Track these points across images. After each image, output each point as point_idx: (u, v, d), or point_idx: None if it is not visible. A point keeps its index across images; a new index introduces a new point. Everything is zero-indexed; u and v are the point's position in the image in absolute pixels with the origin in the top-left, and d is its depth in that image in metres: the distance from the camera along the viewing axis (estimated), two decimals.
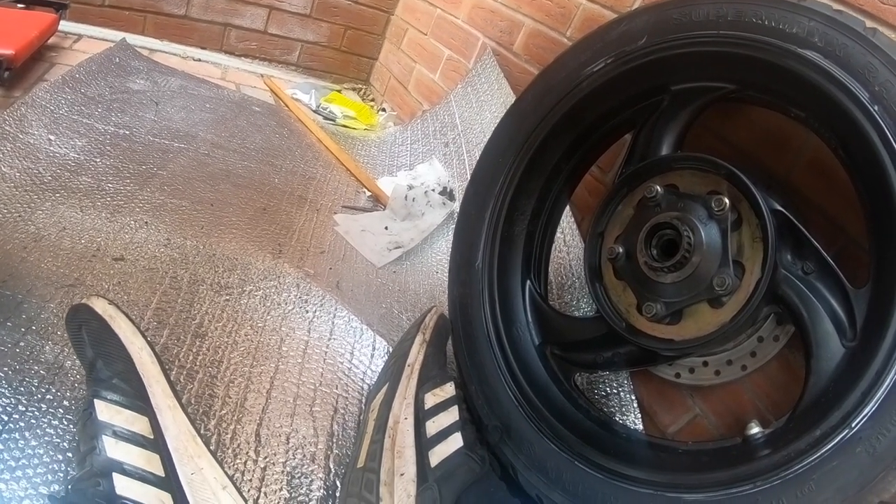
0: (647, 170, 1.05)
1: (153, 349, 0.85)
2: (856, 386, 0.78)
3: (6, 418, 0.83)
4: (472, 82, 1.98)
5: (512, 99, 1.65)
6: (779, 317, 1.02)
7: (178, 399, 0.81)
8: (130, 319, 0.87)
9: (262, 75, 2.52)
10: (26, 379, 0.89)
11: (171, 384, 0.82)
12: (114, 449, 0.73)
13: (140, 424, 0.76)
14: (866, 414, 0.76)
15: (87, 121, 1.64)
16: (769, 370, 1.07)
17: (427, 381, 1.00)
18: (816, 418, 0.81)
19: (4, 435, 0.81)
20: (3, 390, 0.86)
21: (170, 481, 0.72)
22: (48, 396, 0.88)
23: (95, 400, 0.78)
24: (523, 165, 1.18)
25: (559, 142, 1.17)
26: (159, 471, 0.73)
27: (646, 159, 1.06)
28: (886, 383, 0.76)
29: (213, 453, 0.78)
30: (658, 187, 1.01)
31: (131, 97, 1.87)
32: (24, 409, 0.85)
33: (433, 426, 0.95)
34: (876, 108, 0.80)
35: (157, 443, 0.75)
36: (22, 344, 0.94)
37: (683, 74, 1.03)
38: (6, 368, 0.89)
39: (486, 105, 1.84)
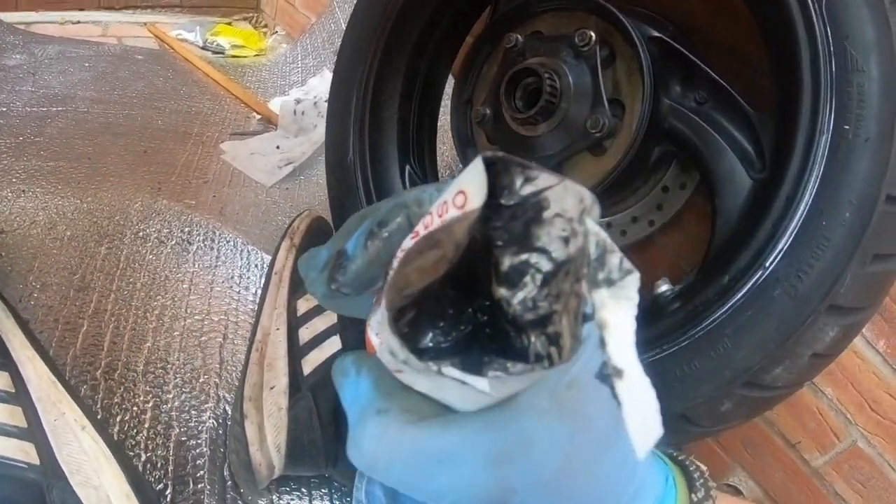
0: (506, 20, 0.97)
1: (6, 304, 0.85)
2: (766, 218, 0.68)
3: None
4: None
5: None
6: (683, 163, 0.95)
7: (39, 349, 0.81)
8: None
9: (145, 24, 2.43)
10: None
11: (30, 335, 0.82)
12: None
13: (1, 381, 0.77)
14: (781, 249, 0.66)
15: None
16: (682, 223, 1.02)
17: (300, 286, 0.95)
18: (725, 263, 0.71)
19: None
20: None
21: (33, 431, 0.73)
22: None
23: None
24: (381, 46, 1.09)
25: (418, 13, 1.08)
26: (22, 422, 0.73)
27: (510, 5, 0.98)
28: (800, 211, 0.66)
29: (76, 395, 0.78)
30: (518, 36, 0.94)
31: (7, 74, 1.80)
32: None
33: (307, 332, 0.90)
34: None
35: (18, 396, 0.76)
36: None
37: None
38: None
39: None
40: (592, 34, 0.85)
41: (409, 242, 0.31)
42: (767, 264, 0.66)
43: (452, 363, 0.27)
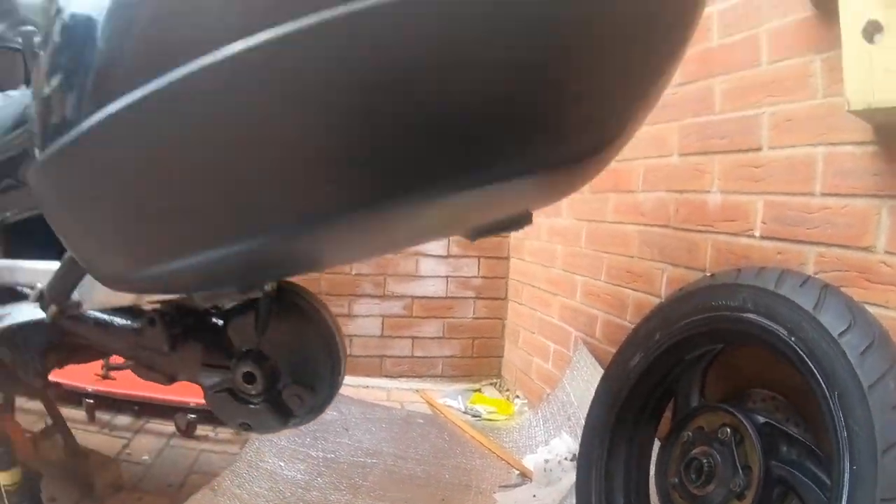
0: (681, 422, 1.53)
1: None
2: None
3: None
4: (574, 367, 2.49)
5: None
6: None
7: None
8: None
9: (416, 390, 3.17)
10: None
11: None
12: None
13: None
14: None
15: (302, 449, 2.23)
16: None
17: None
18: None
19: None
20: None
21: None
22: None
23: None
24: (605, 453, 1.66)
25: (632, 415, 1.66)
26: None
27: (685, 410, 1.55)
28: None
29: None
30: (689, 433, 1.47)
31: (327, 426, 2.47)
32: None
33: None
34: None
35: None
36: None
37: (692, 346, 1.55)
38: None
39: (589, 384, 2.28)
40: (729, 430, 1.36)
41: None
42: None
43: None
